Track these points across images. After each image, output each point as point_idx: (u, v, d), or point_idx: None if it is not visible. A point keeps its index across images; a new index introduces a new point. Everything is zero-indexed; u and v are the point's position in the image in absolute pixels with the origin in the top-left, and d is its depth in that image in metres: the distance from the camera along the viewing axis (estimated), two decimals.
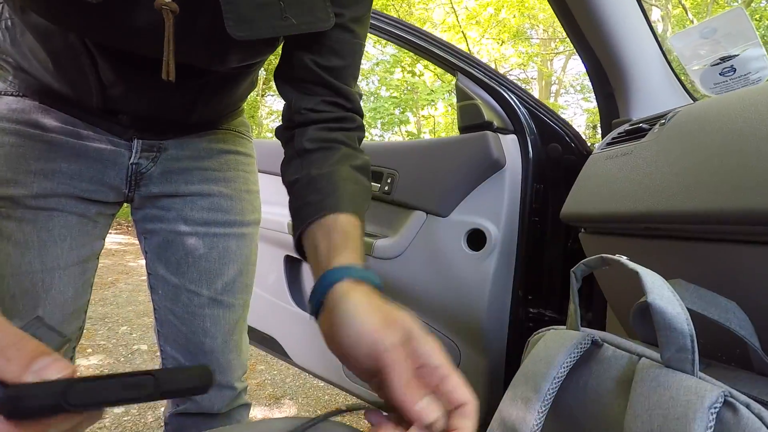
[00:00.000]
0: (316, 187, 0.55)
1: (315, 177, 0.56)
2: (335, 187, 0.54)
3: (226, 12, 0.50)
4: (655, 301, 0.43)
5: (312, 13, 0.55)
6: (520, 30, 10.58)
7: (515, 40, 10.38)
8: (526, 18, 10.38)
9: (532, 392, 0.52)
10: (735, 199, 0.44)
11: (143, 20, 0.52)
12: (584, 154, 1.02)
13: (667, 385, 0.41)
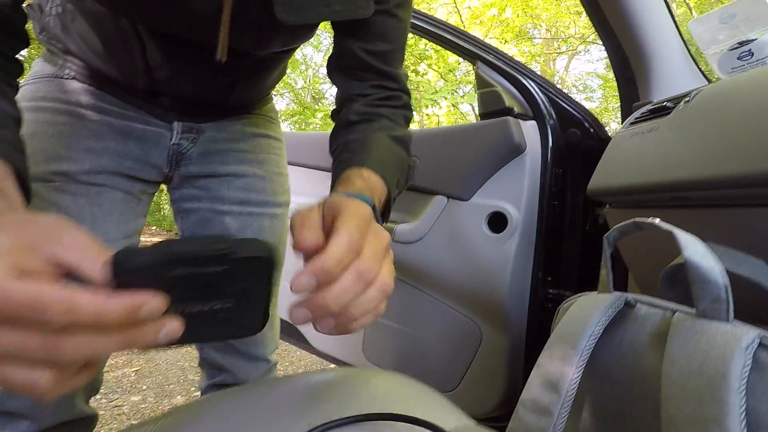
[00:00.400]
0: (348, 148, 0.58)
1: (350, 140, 0.60)
2: (366, 149, 0.57)
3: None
4: (690, 256, 0.46)
5: (354, 2, 0.58)
6: (522, 30, 10.62)
7: (518, 39, 10.41)
8: (529, 18, 10.42)
9: (569, 349, 0.55)
10: (764, 162, 0.47)
11: (200, 6, 0.55)
12: (603, 138, 1.05)
13: (703, 332, 0.44)
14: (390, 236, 0.41)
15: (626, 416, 0.51)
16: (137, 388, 2.09)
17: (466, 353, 1.12)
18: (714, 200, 0.56)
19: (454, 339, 1.13)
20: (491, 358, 1.09)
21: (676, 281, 0.59)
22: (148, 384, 2.15)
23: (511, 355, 1.08)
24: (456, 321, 1.13)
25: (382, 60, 0.64)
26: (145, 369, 2.32)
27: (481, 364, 1.10)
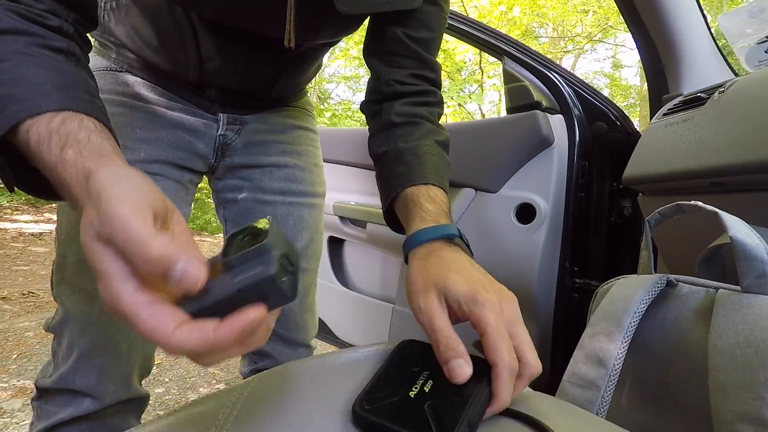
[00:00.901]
0: (403, 159, 0.61)
1: (402, 150, 0.62)
2: (421, 161, 0.60)
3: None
4: (735, 234, 0.49)
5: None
6: (529, 28, 10.61)
7: (525, 38, 10.41)
8: (536, 16, 10.42)
9: (613, 327, 0.57)
10: None
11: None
12: (629, 131, 1.07)
13: (750, 306, 0.47)
14: (515, 299, 0.44)
15: (670, 388, 0.54)
16: (160, 381, 2.13)
17: None
18: (750, 185, 0.59)
19: None
20: None
21: (713, 263, 0.61)
22: (170, 377, 2.19)
23: (538, 344, 1.10)
24: None
25: (423, 47, 0.66)
26: (165, 362, 2.36)
27: None
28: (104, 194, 0.32)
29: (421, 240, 0.51)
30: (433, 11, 0.66)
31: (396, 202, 0.59)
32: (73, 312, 0.69)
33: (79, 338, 0.68)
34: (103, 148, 0.38)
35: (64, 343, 0.70)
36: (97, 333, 0.68)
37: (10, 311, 2.98)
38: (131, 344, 0.72)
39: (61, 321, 0.70)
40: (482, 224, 1.14)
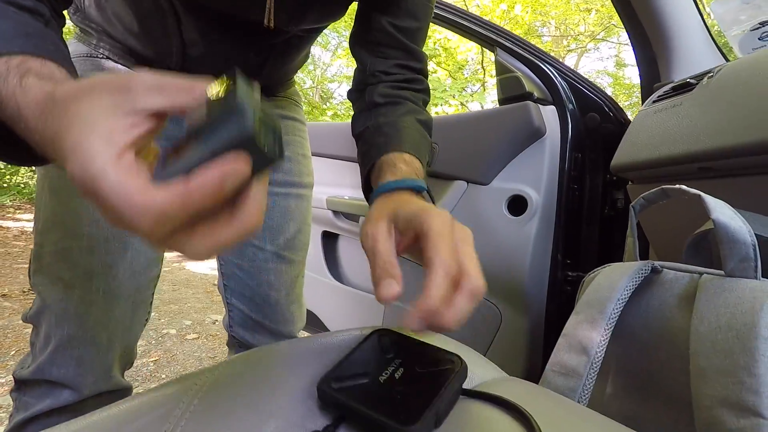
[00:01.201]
0: (381, 132, 0.60)
1: (381, 124, 0.61)
2: (400, 132, 0.59)
3: None
4: (718, 217, 0.48)
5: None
6: (531, 27, 10.57)
7: (527, 37, 10.38)
8: (538, 15, 10.38)
9: (597, 314, 0.56)
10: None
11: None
12: (622, 122, 1.06)
13: (732, 289, 0.45)
14: (470, 232, 0.41)
15: (654, 376, 0.53)
16: (157, 378, 2.13)
17: (486, 335, 1.13)
18: (738, 169, 0.58)
19: (474, 321, 1.15)
20: (511, 339, 1.11)
21: (700, 249, 0.60)
22: (167, 374, 2.19)
23: (530, 337, 1.09)
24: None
25: (409, 37, 0.65)
26: (163, 359, 2.36)
27: (501, 345, 1.11)
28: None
29: (388, 188, 0.50)
30: (419, 1, 0.65)
31: (372, 171, 0.58)
32: (50, 302, 0.68)
33: (57, 328, 0.67)
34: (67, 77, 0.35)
35: (41, 333, 0.69)
36: (74, 323, 0.68)
37: (10, 308, 2.99)
38: (111, 334, 0.71)
39: (38, 311, 0.69)
40: (474, 217, 1.13)
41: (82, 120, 0.27)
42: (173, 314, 3.13)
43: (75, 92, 0.29)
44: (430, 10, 0.69)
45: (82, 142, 0.26)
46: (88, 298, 0.68)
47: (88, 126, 0.27)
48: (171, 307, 3.29)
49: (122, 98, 0.28)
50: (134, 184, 0.26)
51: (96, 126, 0.27)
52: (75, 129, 0.27)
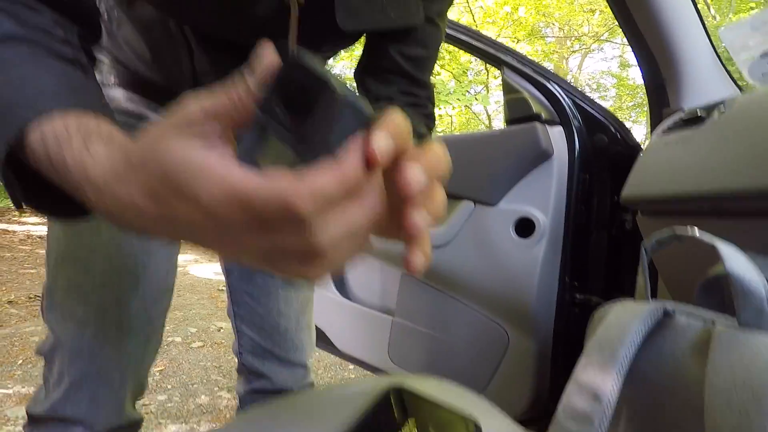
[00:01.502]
0: None
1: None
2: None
3: (338, 4, 0.55)
4: (732, 268, 0.47)
5: (406, 9, 0.59)
6: (535, 28, 10.54)
7: (531, 38, 10.35)
8: (542, 16, 10.35)
9: (608, 358, 0.56)
10: None
11: (262, 10, 0.55)
12: (630, 144, 1.05)
13: (748, 344, 0.45)
14: None
15: (666, 425, 0.52)
16: (162, 388, 2.14)
17: (493, 357, 1.13)
18: (751, 210, 0.57)
19: (481, 342, 1.15)
20: (518, 362, 1.10)
21: (712, 291, 0.60)
22: (173, 383, 2.20)
23: (538, 360, 1.09)
24: (483, 325, 1.15)
25: (416, 66, 0.65)
26: (168, 369, 2.37)
27: (508, 367, 1.11)
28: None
29: None
30: (429, 30, 0.65)
31: None
32: (64, 339, 0.68)
33: (70, 366, 0.68)
34: None
35: (54, 369, 0.69)
36: (88, 361, 0.68)
37: (17, 315, 3.01)
38: (124, 370, 0.71)
39: (51, 348, 0.70)
40: (481, 237, 1.12)
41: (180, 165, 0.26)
42: (178, 321, 3.14)
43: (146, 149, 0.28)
44: (439, 39, 0.68)
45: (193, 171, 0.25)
46: (101, 335, 0.68)
47: (187, 161, 0.25)
48: (176, 313, 3.30)
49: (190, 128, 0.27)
50: (282, 175, 0.23)
51: (193, 154, 0.25)
52: (178, 170, 0.25)
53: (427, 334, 1.24)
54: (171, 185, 0.26)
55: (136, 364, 0.73)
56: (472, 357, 1.16)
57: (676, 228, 0.53)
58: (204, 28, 0.61)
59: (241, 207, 0.23)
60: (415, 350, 1.27)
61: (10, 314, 3.04)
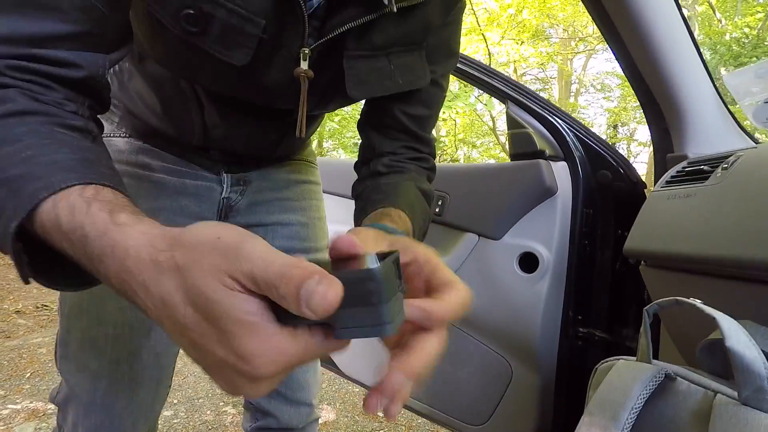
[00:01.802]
0: (380, 190, 0.60)
1: (381, 184, 0.62)
2: (397, 192, 0.59)
3: (349, 76, 0.56)
4: (733, 346, 0.48)
5: (413, 73, 0.60)
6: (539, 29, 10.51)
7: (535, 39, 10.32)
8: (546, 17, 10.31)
9: (610, 420, 0.57)
10: None
11: (274, 80, 0.57)
12: (634, 181, 1.06)
13: (746, 422, 0.46)
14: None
15: None
16: (169, 402, 2.16)
17: (497, 389, 1.14)
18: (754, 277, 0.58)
19: (485, 374, 1.16)
20: (522, 395, 1.11)
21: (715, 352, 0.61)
22: (179, 398, 2.22)
23: (541, 393, 1.10)
24: (486, 357, 1.16)
25: (418, 124, 0.66)
26: (174, 382, 2.38)
27: (512, 400, 1.12)
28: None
29: (381, 228, 0.48)
30: (433, 91, 0.66)
31: (363, 223, 0.56)
32: (78, 391, 0.70)
33: (84, 418, 0.69)
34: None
35: (69, 419, 0.71)
36: (102, 413, 0.69)
37: (24, 326, 3.04)
38: (135, 418, 0.73)
39: (65, 398, 0.71)
40: (485, 271, 1.13)
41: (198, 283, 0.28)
42: None
43: (185, 258, 0.29)
44: (442, 99, 0.69)
45: (207, 292, 0.28)
46: (114, 387, 0.70)
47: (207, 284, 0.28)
48: None
49: (229, 264, 0.28)
50: (272, 325, 0.28)
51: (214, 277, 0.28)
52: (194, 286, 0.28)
53: None
54: (214, 322, 0.28)
55: (147, 411, 0.75)
56: (475, 389, 1.17)
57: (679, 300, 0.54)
58: (214, 88, 0.63)
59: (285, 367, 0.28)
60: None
61: (18, 325, 3.07)
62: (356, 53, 0.55)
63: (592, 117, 14.15)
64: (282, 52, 0.54)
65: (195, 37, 0.49)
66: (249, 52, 0.51)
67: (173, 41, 0.52)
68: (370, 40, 0.55)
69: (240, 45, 0.50)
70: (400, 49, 0.58)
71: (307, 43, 0.53)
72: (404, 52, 0.58)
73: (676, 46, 0.83)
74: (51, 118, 0.40)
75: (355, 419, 2.12)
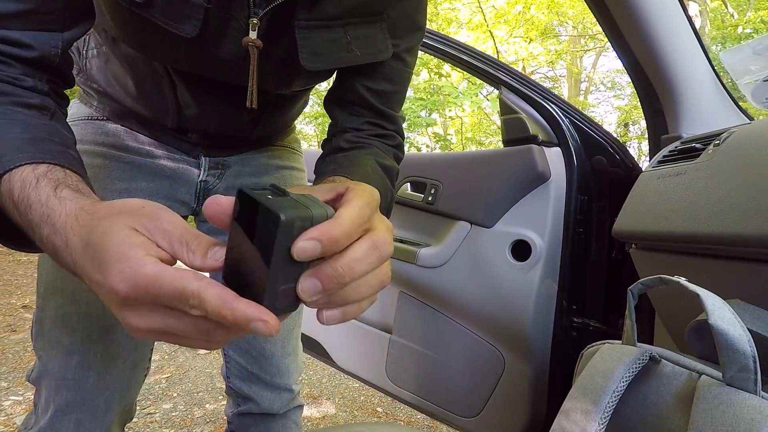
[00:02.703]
0: (335, 162, 0.59)
1: (338, 157, 0.61)
2: (352, 164, 0.58)
3: (301, 47, 0.56)
4: (716, 323, 0.46)
5: (374, 45, 0.59)
6: (548, 27, 10.41)
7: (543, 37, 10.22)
8: (555, 15, 10.21)
9: (591, 405, 0.54)
10: None
11: (228, 53, 0.57)
12: (630, 167, 1.03)
13: (730, 403, 0.43)
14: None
15: None
16: (168, 396, 2.16)
17: (489, 380, 1.12)
18: (743, 254, 0.55)
19: (477, 365, 1.13)
20: (514, 385, 1.09)
21: (702, 333, 0.58)
22: (179, 391, 2.22)
23: (534, 384, 1.07)
24: (479, 347, 1.13)
25: (382, 100, 0.65)
26: (175, 376, 2.39)
27: (505, 391, 1.10)
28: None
29: None
30: (396, 66, 0.65)
31: None
32: (50, 367, 0.70)
33: (56, 394, 0.69)
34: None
35: (42, 396, 0.71)
36: (73, 389, 0.69)
37: (31, 320, 3.07)
38: (109, 397, 0.72)
39: (39, 375, 0.71)
40: (477, 259, 1.11)
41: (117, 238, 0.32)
42: None
43: (109, 213, 0.34)
44: (407, 74, 0.68)
45: (126, 252, 0.31)
46: (86, 363, 0.70)
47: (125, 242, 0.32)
48: None
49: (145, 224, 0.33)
50: (142, 253, 0.31)
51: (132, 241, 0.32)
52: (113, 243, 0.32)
53: (423, 353, 1.23)
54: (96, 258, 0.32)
55: (121, 391, 0.74)
56: (467, 379, 1.15)
57: (663, 277, 0.52)
58: (175, 65, 0.63)
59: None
60: (411, 369, 1.26)
61: (25, 319, 3.10)
62: (308, 23, 0.55)
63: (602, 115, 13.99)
64: (232, 23, 0.54)
65: (142, 9, 0.50)
66: (197, 23, 0.51)
67: (126, 16, 0.52)
68: (322, 9, 0.54)
69: (186, 16, 0.51)
70: (357, 20, 0.57)
71: (254, 13, 0.53)
72: (362, 23, 0.57)
73: (668, 21, 0.80)
74: (6, 97, 0.44)
75: (354, 414, 2.11)
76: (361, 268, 0.32)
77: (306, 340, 1.52)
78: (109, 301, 0.33)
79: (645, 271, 0.75)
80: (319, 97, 10.68)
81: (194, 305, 0.29)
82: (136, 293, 0.30)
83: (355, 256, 0.32)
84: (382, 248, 0.34)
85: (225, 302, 0.28)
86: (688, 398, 0.49)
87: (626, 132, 12.74)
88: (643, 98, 0.91)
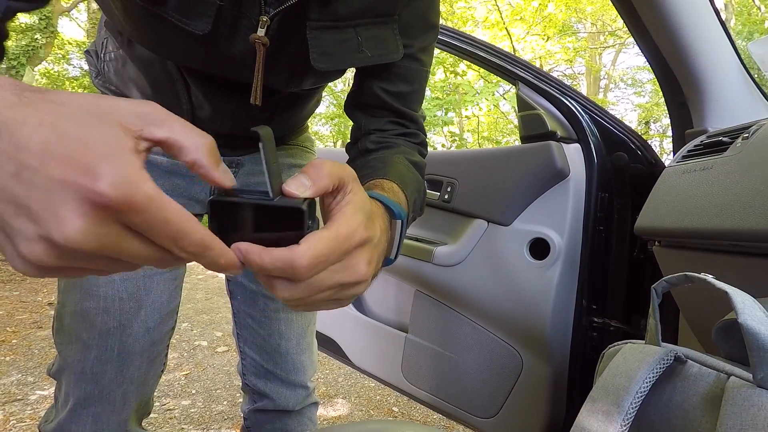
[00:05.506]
0: (368, 166, 0.59)
1: (369, 160, 0.61)
2: (386, 165, 0.57)
3: (312, 47, 0.56)
4: (746, 321, 0.44)
5: (384, 46, 0.59)
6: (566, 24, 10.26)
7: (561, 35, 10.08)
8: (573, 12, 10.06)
9: (613, 406, 0.53)
10: None
11: (238, 50, 0.57)
12: (652, 163, 1.00)
13: (761, 405, 0.42)
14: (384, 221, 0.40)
15: None
16: (187, 392, 2.19)
17: (507, 380, 1.10)
18: None
19: (494, 365, 1.12)
20: (533, 386, 1.07)
21: (731, 333, 0.55)
22: (197, 388, 2.25)
23: (553, 385, 1.05)
24: (496, 347, 1.12)
25: (401, 101, 0.65)
26: (194, 373, 2.43)
27: (522, 392, 1.08)
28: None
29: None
30: (412, 66, 0.65)
31: None
32: (70, 361, 0.71)
33: (75, 387, 0.71)
34: None
35: (62, 389, 0.73)
36: (91, 382, 0.71)
37: None
38: (125, 391, 0.73)
39: (59, 369, 0.73)
40: (494, 258, 1.10)
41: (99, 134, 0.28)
42: (205, 325, 3.22)
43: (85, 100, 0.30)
44: (423, 73, 0.68)
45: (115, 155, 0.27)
46: (103, 357, 0.71)
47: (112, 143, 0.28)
48: (203, 317, 3.38)
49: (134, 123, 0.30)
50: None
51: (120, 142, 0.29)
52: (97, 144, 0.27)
53: (439, 353, 1.22)
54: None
55: (137, 386, 0.76)
56: (484, 379, 1.13)
57: (689, 274, 0.50)
58: (186, 64, 0.64)
59: None
60: (427, 369, 1.25)
61: (50, 316, 3.19)
62: (319, 24, 0.55)
63: (622, 113, 13.74)
64: (243, 21, 0.54)
65: (156, 7, 0.50)
66: (209, 20, 0.52)
67: (140, 14, 0.53)
68: (333, 10, 0.54)
69: (200, 13, 0.51)
70: (368, 21, 0.57)
71: (266, 11, 0.53)
72: (373, 24, 0.57)
73: (693, 11, 0.77)
74: None
75: (370, 413, 2.10)
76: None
77: (322, 338, 1.53)
78: (50, 189, 0.25)
79: (668, 270, 0.73)
80: (335, 98, 10.73)
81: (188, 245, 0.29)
82: (129, 208, 0.26)
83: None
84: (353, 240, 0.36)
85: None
86: (716, 400, 0.47)
87: (647, 130, 12.48)
88: (666, 92, 0.89)
